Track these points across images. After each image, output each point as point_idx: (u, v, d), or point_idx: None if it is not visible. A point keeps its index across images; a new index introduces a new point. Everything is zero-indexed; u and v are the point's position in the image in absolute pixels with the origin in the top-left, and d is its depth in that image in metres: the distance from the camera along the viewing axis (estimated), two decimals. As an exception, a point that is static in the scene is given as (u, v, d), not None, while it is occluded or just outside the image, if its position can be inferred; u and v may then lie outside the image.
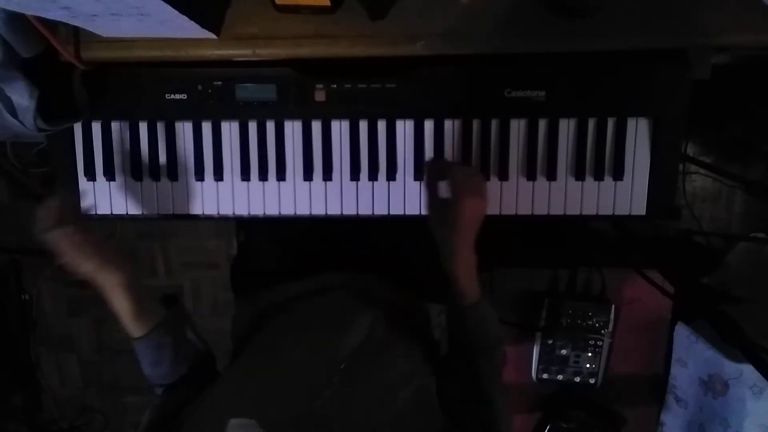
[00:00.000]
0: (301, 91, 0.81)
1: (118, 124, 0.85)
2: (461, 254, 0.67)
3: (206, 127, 0.84)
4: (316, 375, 0.60)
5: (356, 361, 0.63)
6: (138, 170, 0.86)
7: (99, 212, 0.87)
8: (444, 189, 0.70)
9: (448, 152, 0.83)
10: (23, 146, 1.78)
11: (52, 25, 0.66)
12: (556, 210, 0.83)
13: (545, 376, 1.21)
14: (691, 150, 1.65)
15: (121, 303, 0.69)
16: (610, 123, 0.81)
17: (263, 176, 0.85)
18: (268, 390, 0.58)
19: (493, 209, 0.84)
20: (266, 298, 0.87)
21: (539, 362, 1.21)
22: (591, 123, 0.81)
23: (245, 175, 0.85)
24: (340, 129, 0.83)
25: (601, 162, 0.82)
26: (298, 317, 0.76)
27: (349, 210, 0.85)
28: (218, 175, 0.85)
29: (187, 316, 0.79)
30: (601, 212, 0.83)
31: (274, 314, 0.80)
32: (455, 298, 0.70)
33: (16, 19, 0.64)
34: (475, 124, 0.82)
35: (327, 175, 0.84)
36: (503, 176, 0.83)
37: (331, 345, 0.65)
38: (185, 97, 0.82)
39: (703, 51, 0.76)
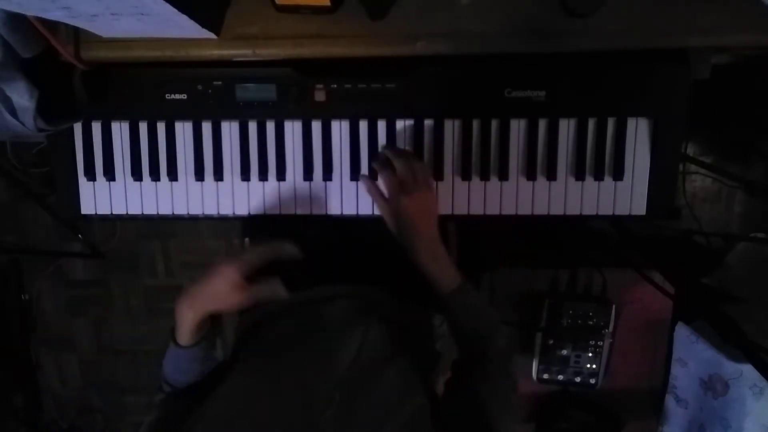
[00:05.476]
0: (301, 91, 0.81)
1: (118, 124, 0.85)
2: (422, 248, 0.71)
3: (206, 127, 0.84)
4: (316, 393, 0.58)
5: (354, 378, 0.61)
6: (138, 170, 0.86)
7: (99, 212, 0.87)
8: (383, 187, 0.76)
9: (448, 152, 0.83)
10: (23, 146, 1.78)
11: (52, 25, 0.66)
12: (556, 210, 0.83)
13: (546, 376, 1.22)
14: (691, 150, 1.65)
15: (194, 315, 0.69)
16: (610, 123, 0.81)
17: (263, 176, 0.85)
18: (269, 411, 0.56)
19: (493, 209, 0.84)
20: (266, 308, 0.87)
21: (540, 362, 1.21)
22: (591, 123, 0.81)
23: (245, 175, 0.85)
24: (340, 129, 0.83)
25: (601, 162, 0.82)
26: (297, 330, 0.75)
27: (349, 210, 0.85)
28: (218, 175, 0.85)
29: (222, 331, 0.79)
30: (601, 212, 0.83)
31: (271, 326, 0.78)
32: (436, 290, 0.72)
33: (16, 19, 0.64)
34: (475, 124, 0.82)
35: (327, 175, 0.84)
36: (503, 176, 0.83)
37: (330, 361, 0.63)
38: (185, 97, 0.82)
39: (703, 51, 0.76)
